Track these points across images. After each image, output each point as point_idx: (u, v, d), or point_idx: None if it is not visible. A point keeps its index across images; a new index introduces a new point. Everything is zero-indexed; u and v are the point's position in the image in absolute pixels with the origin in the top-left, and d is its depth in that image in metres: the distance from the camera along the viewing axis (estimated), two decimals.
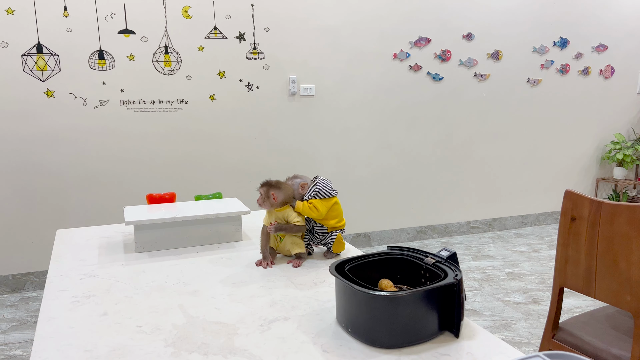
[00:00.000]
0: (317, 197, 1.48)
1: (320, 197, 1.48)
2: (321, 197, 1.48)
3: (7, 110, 3.13)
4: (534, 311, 2.98)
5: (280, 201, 1.46)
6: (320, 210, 1.47)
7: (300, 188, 1.51)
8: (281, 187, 1.47)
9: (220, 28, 3.49)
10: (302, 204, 1.48)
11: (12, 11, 3.04)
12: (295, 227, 1.46)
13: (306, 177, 1.54)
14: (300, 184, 1.51)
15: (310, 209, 1.47)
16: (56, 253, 1.61)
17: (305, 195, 1.50)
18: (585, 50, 4.63)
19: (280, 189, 1.46)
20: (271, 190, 1.46)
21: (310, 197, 1.48)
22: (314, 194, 1.48)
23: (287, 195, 1.47)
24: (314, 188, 1.49)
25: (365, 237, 4.19)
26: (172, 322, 1.13)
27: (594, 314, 1.78)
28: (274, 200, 1.46)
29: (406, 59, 4.02)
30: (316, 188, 1.49)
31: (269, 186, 1.47)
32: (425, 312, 1.01)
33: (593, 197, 1.55)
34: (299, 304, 1.22)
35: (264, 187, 1.47)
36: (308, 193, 1.49)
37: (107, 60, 3.27)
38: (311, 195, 1.48)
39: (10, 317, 2.98)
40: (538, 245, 4.21)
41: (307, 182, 1.52)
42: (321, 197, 1.48)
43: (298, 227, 1.46)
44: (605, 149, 4.96)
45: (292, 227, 1.46)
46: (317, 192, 1.48)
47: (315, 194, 1.48)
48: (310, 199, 1.48)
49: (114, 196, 3.43)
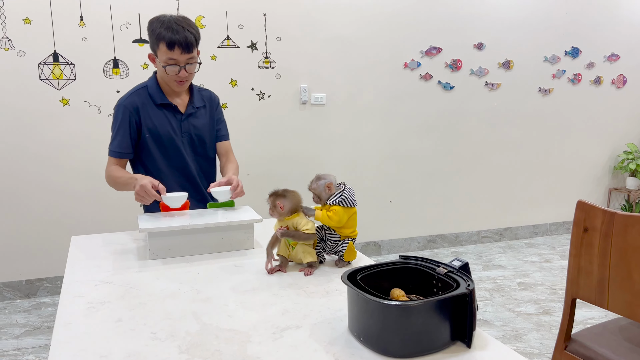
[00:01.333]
0: (341, 205, 1.48)
1: (344, 205, 1.48)
2: (344, 206, 1.48)
3: (24, 117, 3.18)
4: (545, 322, 2.96)
5: (288, 209, 1.47)
6: (341, 217, 1.47)
7: (327, 189, 1.50)
8: (287, 195, 1.48)
9: (232, 37, 3.53)
10: (322, 213, 1.48)
11: (29, 21, 3.10)
12: (304, 235, 1.46)
13: (330, 175, 1.53)
14: (326, 184, 1.50)
15: (330, 217, 1.47)
16: (71, 259, 1.63)
17: (330, 199, 1.49)
18: (597, 59, 4.61)
19: (286, 197, 1.48)
20: (277, 200, 1.48)
21: (335, 202, 1.48)
22: (340, 200, 1.48)
23: (294, 203, 1.48)
24: (341, 195, 1.49)
25: (376, 246, 4.19)
26: (186, 328, 1.14)
27: (607, 325, 1.76)
28: (281, 210, 1.47)
29: (417, 68, 4.04)
30: (343, 195, 1.49)
31: (276, 196, 1.49)
32: (437, 322, 1.01)
33: (606, 208, 1.54)
34: (310, 312, 1.22)
35: (271, 197, 1.49)
36: (334, 198, 1.49)
37: (122, 69, 3.32)
38: (337, 201, 1.48)
39: (23, 322, 3.02)
40: (550, 256, 4.18)
41: (332, 182, 1.51)
42: (345, 205, 1.49)
43: (307, 235, 1.47)
44: (617, 159, 4.92)
45: (301, 234, 1.47)
46: (343, 199, 1.49)
47: (342, 200, 1.48)
48: (335, 204, 1.48)
49: (127, 203, 3.46)
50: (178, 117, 2.03)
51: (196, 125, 2.07)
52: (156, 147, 2.02)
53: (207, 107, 2.12)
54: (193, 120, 2.06)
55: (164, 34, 1.83)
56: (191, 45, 1.86)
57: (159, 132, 2.00)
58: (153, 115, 1.99)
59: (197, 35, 1.89)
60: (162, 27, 1.84)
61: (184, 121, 2.04)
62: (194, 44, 1.88)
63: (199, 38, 1.91)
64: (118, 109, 1.98)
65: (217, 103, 2.17)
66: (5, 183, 3.20)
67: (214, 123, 2.15)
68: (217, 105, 2.17)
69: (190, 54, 1.88)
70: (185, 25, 1.85)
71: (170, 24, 1.83)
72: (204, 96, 2.13)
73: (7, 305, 3.25)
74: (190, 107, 2.06)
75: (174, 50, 1.84)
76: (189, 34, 1.84)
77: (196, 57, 1.93)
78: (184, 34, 1.83)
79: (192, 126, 2.06)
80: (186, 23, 1.86)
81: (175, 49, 1.84)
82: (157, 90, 2.00)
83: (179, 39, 1.83)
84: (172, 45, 1.83)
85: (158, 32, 1.84)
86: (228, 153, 2.20)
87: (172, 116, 2.02)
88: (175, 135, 2.03)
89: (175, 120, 2.03)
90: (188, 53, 1.87)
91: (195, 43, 1.88)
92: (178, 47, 1.84)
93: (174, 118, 2.03)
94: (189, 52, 1.87)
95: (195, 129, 2.07)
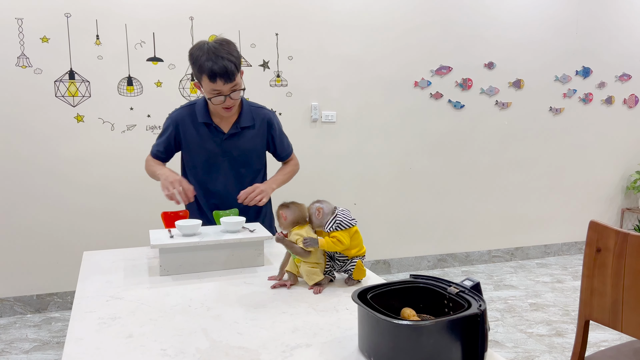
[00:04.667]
0: (339, 229, 1.47)
1: (342, 228, 1.48)
2: (342, 229, 1.48)
3: (39, 133, 3.23)
4: (558, 344, 2.91)
5: (290, 220, 1.49)
6: (345, 241, 1.46)
7: (317, 212, 1.49)
8: (290, 206, 1.50)
9: (245, 56, 3.58)
10: (326, 240, 1.47)
11: (47, 39, 3.17)
12: (299, 249, 1.46)
13: (326, 202, 1.52)
14: (317, 209, 1.49)
15: (335, 243, 1.46)
16: (83, 275, 1.64)
17: (326, 227, 1.48)
18: (609, 79, 4.60)
19: (289, 208, 1.50)
20: (281, 210, 1.50)
21: (333, 229, 1.47)
22: (336, 226, 1.47)
23: (296, 215, 1.49)
24: (335, 220, 1.48)
25: (385, 264, 4.17)
26: (196, 345, 1.14)
27: (621, 348, 1.73)
28: (284, 220, 1.49)
29: (427, 87, 4.06)
30: (337, 220, 1.48)
31: (280, 206, 1.51)
32: (448, 342, 1.00)
33: (619, 229, 1.53)
34: (320, 330, 1.22)
35: (278, 209, 1.52)
36: (329, 225, 1.48)
37: (136, 87, 3.37)
38: (333, 227, 1.47)
39: (33, 337, 3.02)
40: (561, 276, 4.13)
41: (322, 208, 1.49)
42: (342, 228, 1.48)
43: (303, 252, 1.46)
44: (630, 179, 4.88)
45: (296, 247, 1.46)
46: (339, 224, 1.47)
47: (337, 225, 1.47)
48: (333, 231, 1.47)
49: (139, 218, 3.48)
50: (220, 137, 2.01)
51: (239, 146, 2.04)
52: (193, 163, 2.05)
53: (257, 127, 2.07)
54: (236, 141, 2.03)
55: (205, 66, 1.80)
56: (232, 74, 1.82)
57: (196, 150, 2.02)
58: (193, 133, 2.01)
59: (237, 61, 1.85)
60: (202, 57, 1.81)
61: (226, 141, 2.02)
62: (235, 72, 1.84)
63: (240, 62, 1.87)
64: (167, 118, 2.07)
65: (272, 123, 2.10)
66: (18, 198, 3.24)
67: (265, 144, 2.11)
68: (273, 125, 2.10)
69: (232, 82, 1.85)
70: (225, 53, 1.81)
71: (210, 55, 1.80)
72: (257, 115, 2.07)
73: (18, 319, 3.27)
74: (235, 127, 2.01)
75: (217, 82, 1.82)
76: (229, 63, 1.80)
77: (240, 83, 1.89)
78: (224, 63, 1.79)
79: (234, 147, 2.03)
80: (226, 50, 1.82)
81: (218, 81, 1.82)
82: (203, 108, 2.00)
83: (219, 71, 1.79)
84: (213, 77, 1.81)
85: (199, 65, 1.82)
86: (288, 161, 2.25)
87: (213, 135, 2.01)
88: (214, 155, 2.02)
89: (217, 140, 2.01)
90: (231, 82, 1.84)
91: (236, 70, 1.84)
92: (220, 78, 1.81)
93: (215, 137, 2.01)
94: (231, 81, 1.84)
95: (237, 150, 2.04)
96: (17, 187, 3.24)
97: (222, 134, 2.01)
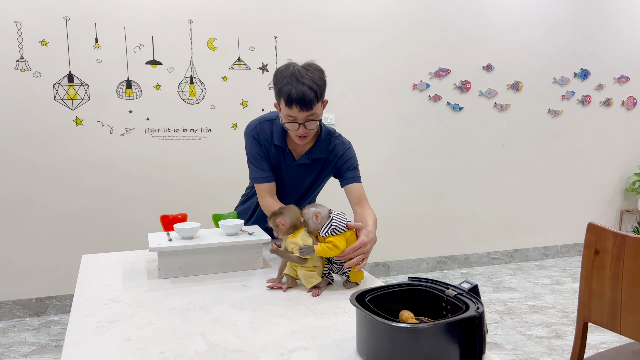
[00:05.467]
0: (334, 234, 1.48)
1: (338, 232, 1.48)
2: (338, 233, 1.48)
3: (38, 136, 3.23)
4: (557, 346, 2.91)
5: (289, 224, 1.49)
6: (341, 246, 1.47)
7: (314, 217, 1.49)
8: (284, 211, 1.50)
9: (244, 59, 3.58)
10: (321, 246, 1.47)
11: (46, 43, 3.18)
12: (294, 257, 1.47)
13: (322, 206, 1.53)
14: (314, 213, 1.49)
15: (330, 249, 1.46)
16: (81, 278, 1.64)
17: (321, 232, 1.49)
18: (607, 81, 4.61)
19: (283, 213, 1.50)
20: (277, 219, 1.49)
21: (328, 234, 1.48)
22: (331, 231, 1.48)
23: (292, 218, 1.49)
24: (330, 225, 1.48)
25: (384, 267, 4.17)
26: (194, 349, 1.14)
27: (620, 350, 1.73)
28: (283, 226, 1.49)
29: (426, 89, 4.06)
30: (333, 225, 1.48)
31: (274, 215, 1.51)
32: (446, 344, 1.01)
33: (617, 231, 1.53)
34: (319, 333, 1.22)
35: (270, 219, 1.51)
36: (325, 230, 1.48)
37: (135, 90, 3.37)
38: (329, 232, 1.48)
39: (32, 340, 3.02)
40: (561, 278, 4.13)
41: (320, 212, 1.49)
42: (338, 232, 1.48)
43: (299, 260, 1.47)
44: (629, 181, 4.88)
45: (291, 255, 1.47)
46: (334, 228, 1.48)
47: (333, 230, 1.48)
48: (328, 236, 1.48)
49: (138, 221, 3.48)
50: (288, 163, 1.95)
51: (301, 177, 1.99)
52: None
53: (326, 160, 1.97)
54: (302, 171, 1.98)
55: (283, 90, 1.70)
56: (310, 103, 1.69)
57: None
58: (269, 151, 1.93)
59: (318, 90, 1.71)
60: (284, 79, 1.70)
61: (293, 168, 1.96)
62: (314, 101, 1.70)
63: (323, 91, 1.74)
64: (246, 138, 1.94)
65: (341, 154, 1.96)
66: (17, 201, 3.24)
67: (326, 175, 2.02)
68: (341, 155, 1.97)
69: (309, 111, 1.72)
70: (308, 79, 1.69)
71: (292, 78, 1.69)
72: (331, 147, 1.96)
73: (17, 323, 3.26)
74: (306, 157, 1.93)
75: (292, 108, 1.70)
76: (308, 91, 1.68)
77: (318, 114, 1.76)
78: (303, 89, 1.67)
79: (298, 176, 1.99)
80: (309, 77, 1.70)
81: (294, 107, 1.70)
82: (280, 128, 1.90)
83: (297, 97, 1.67)
84: (290, 102, 1.69)
85: (280, 87, 1.72)
86: (362, 200, 1.97)
87: (284, 159, 1.94)
88: (279, 178, 1.97)
89: (286, 165, 1.95)
90: (307, 111, 1.71)
91: (315, 99, 1.71)
92: (296, 105, 1.69)
93: (286, 162, 1.95)
94: (307, 109, 1.71)
95: (298, 179, 2.00)
96: (16, 190, 3.23)
97: (292, 161, 1.94)
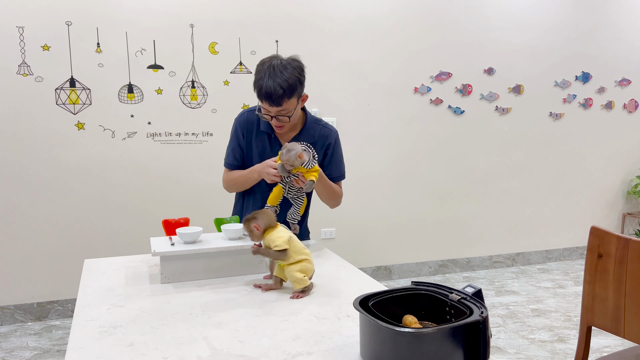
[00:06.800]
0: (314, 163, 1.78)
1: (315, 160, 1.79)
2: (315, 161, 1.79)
3: (40, 141, 3.24)
4: (560, 350, 2.90)
5: (264, 227, 1.51)
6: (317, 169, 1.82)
7: (298, 158, 1.70)
8: (257, 216, 1.52)
9: (245, 63, 3.59)
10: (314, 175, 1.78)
11: (48, 47, 3.18)
12: (275, 253, 1.48)
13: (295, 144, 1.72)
14: (297, 155, 1.69)
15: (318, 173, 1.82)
16: (84, 283, 1.64)
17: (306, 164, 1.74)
18: (608, 84, 4.61)
19: (257, 218, 1.51)
20: (251, 224, 1.51)
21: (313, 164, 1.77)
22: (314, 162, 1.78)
23: (266, 221, 1.51)
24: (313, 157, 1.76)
25: (387, 270, 4.16)
26: (197, 354, 1.14)
27: (623, 354, 1.73)
28: (258, 231, 1.50)
29: (427, 92, 4.06)
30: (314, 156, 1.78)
31: (247, 221, 1.52)
32: (450, 349, 1.00)
33: (620, 234, 1.53)
34: (322, 338, 1.22)
35: (245, 224, 1.52)
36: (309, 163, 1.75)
37: (136, 94, 3.38)
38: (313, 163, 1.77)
39: (34, 345, 3.02)
40: (563, 282, 4.12)
41: (301, 152, 1.70)
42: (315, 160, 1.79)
43: (278, 254, 1.48)
44: (631, 184, 4.88)
45: (272, 252, 1.48)
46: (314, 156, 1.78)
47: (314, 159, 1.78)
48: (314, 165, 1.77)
49: (140, 225, 3.48)
50: (275, 150, 1.95)
51: None
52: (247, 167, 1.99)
53: (317, 145, 1.97)
54: None
55: (257, 82, 1.76)
56: (278, 100, 1.74)
57: (252, 156, 1.98)
58: (255, 138, 1.96)
59: (288, 88, 1.74)
60: (260, 72, 1.76)
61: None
62: (283, 98, 1.74)
63: (294, 89, 1.77)
64: (233, 125, 2.03)
65: (330, 143, 2.00)
66: (19, 206, 3.25)
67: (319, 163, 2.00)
68: (330, 145, 2.00)
69: (278, 107, 1.77)
70: (281, 77, 1.73)
71: (266, 73, 1.74)
72: (318, 133, 1.99)
73: (18, 327, 3.26)
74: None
75: (263, 102, 1.78)
76: (278, 88, 1.72)
77: (289, 109, 1.80)
78: (273, 86, 1.72)
79: None
80: (284, 74, 1.74)
81: (264, 101, 1.77)
82: None
83: (266, 92, 1.73)
84: (260, 96, 1.77)
85: (256, 79, 1.78)
86: None
87: (271, 146, 1.96)
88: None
89: (273, 151, 1.96)
90: (276, 106, 1.77)
91: (285, 96, 1.74)
92: (265, 100, 1.75)
93: (273, 149, 1.96)
94: (276, 105, 1.76)
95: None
96: (17, 195, 3.24)
97: (279, 147, 1.95)
